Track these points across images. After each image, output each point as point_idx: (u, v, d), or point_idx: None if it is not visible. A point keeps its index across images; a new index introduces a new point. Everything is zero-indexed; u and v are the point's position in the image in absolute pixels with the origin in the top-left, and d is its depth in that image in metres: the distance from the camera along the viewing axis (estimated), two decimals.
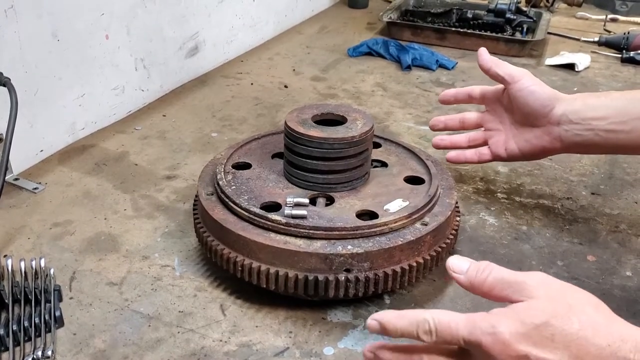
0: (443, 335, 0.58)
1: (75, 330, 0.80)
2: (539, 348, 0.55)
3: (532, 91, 0.95)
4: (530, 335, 0.55)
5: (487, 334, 0.56)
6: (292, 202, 0.84)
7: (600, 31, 2.08)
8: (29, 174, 1.14)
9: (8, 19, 1.06)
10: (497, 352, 0.55)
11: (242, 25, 1.75)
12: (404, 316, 0.60)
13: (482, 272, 0.61)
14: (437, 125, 1.10)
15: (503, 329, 0.55)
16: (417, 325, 0.59)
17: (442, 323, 0.58)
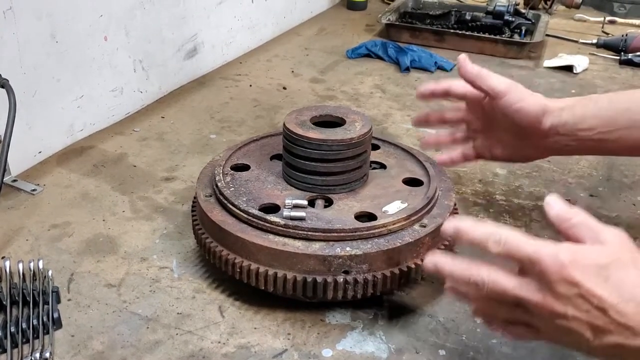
0: (510, 247, 0.63)
1: (73, 332, 0.80)
2: (591, 282, 0.59)
3: (518, 109, 0.91)
4: (588, 269, 0.59)
5: (550, 254, 0.60)
6: (291, 204, 0.84)
7: (599, 33, 2.08)
8: (27, 175, 1.14)
9: (7, 21, 1.06)
10: (552, 272, 0.59)
11: (240, 27, 1.75)
12: (478, 227, 0.65)
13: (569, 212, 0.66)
14: (420, 119, 1.05)
15: (565, 256, 0.60)
16: (490, 235, 0.64)
17: (512, 237, 0.63)
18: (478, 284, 0.64)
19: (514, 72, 1.72)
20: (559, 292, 0.60)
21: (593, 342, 0.60)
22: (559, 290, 0.60)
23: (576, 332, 0.61)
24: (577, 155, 1.05)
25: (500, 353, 0.79)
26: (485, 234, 0.65)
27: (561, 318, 0.61)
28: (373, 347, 0.80)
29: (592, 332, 0.60)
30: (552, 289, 0.60)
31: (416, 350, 0.79)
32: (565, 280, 0.59)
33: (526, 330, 0.65)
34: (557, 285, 0.60)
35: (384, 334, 0.82)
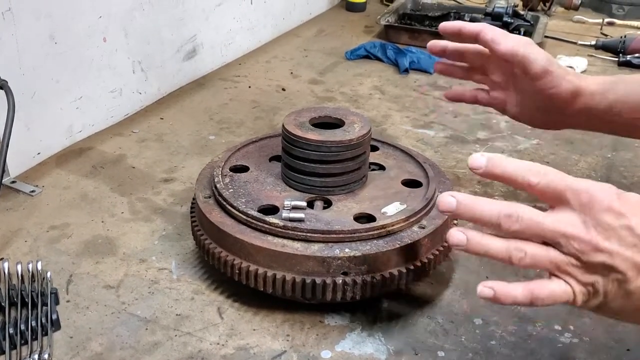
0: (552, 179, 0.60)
1: (72, 333, 0.80)
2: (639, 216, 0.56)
3: (551, 95, 0.89)
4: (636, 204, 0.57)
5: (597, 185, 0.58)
6: (290, 205, 0.84)
7: (597, 35, 2.08)
8: (26, 176, 1.14)
9: (6, 22, 1.06)
10: (601, 200, 0.57)
11: (239, 28, 1.75)
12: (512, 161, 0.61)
13: None
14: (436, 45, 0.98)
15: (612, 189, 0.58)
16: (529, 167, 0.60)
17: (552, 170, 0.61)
18: (512, 215, 0.59)
19: None
20: (605, 223, 0.56)
21: (634, 282, 0.56)
22: (606, 220, 0.56)
23: (617, 272, 0.56)
24: (597, 132, 1.04)
25: (500, 354, 0.79)
26: (523, 165, 0.60)
27: (603, 254, 0.56)
28: (372, 348, 0.79)
29: (635, 270, 0.56)
30: (598, 220, 0.56)
31: (415, 351, 0.79)
32: (614, 210, 0.56)
33: (557, 284, 0.59)
34: (603, 215, 0.56)
35: (383, 335, 0.82)
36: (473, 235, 0.61)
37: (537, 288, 0.59)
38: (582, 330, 0.83)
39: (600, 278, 0.58)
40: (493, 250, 0.60)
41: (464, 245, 0.61)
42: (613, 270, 0.57)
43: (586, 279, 0.58)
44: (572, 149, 1.31)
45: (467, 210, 0.61)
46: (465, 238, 0.61)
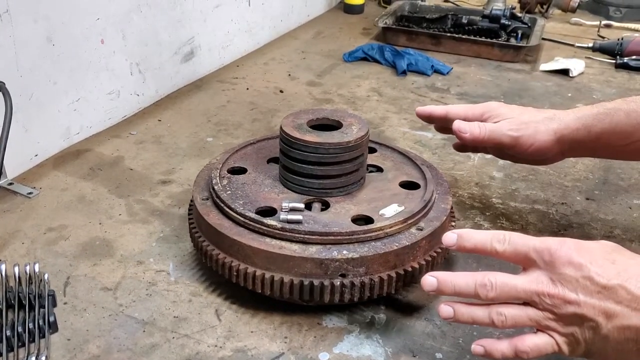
0: (515, 243, 0.66)
1: (69, 335, 0.80)
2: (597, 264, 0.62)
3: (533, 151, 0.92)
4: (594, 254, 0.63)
5: (556, 241, 0.64)
6: (288, 207, 0.84)
7: (595, 37, 2.09)
8: (23, 178, 1.14)
9: (3, 23, 1.06)
10: (560, 255, 0.62)
11: (237, 30, 1.76)
12: (479, 231, 0.70)
13: None
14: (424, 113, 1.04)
15: (571, 244, 0.63)
16: (493, 235, 0.67)
17: (515, 234, 0.67)
18: (486, 284, 0.65)
19: (510, 76, 1.72)
20: (567, 275, 0.62)
21: (604, 328, 0.61)
22: (567, 273, 0.62)
23: (588, 320, 0.61)
24: (591, 157, 1.07)
25: None
26: (488, 235, 0.67)
27: (573, 305, 0.61)
28: (370, 350, 0.79)
29: (604, 316, 0.61)
30: (561, 275, 0.62)
31: (413, 353, 0.79)
32: (573, 264, 0.61)
33: (539, 337, 0.65)
34: (565, 270, 0.62)
35: (381, 337, 0.82)
36: (459, 307, 0.68)
37: (520, 343, 0.66)
38: None
39: (577, 328, 0.63)
40: (478, 318, 0.68)
41: (452, 318, 0.69)
42: (584, 318, 0.62)
43: (565, 330, 0.64)
44: None
45: (447, 287, 0.68)
46: (452, 311, 0.69)
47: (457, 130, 0.93)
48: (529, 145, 0.91)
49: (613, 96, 1.62)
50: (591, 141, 0.91)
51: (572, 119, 0.91)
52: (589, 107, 0.93)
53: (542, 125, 0.91)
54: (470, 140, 0.93)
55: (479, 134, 0.92)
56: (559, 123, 0.91)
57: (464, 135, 0.93)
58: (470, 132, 0.93)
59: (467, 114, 0.96)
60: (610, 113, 0.89)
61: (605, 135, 0.89)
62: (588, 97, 1.60)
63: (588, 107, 0.92)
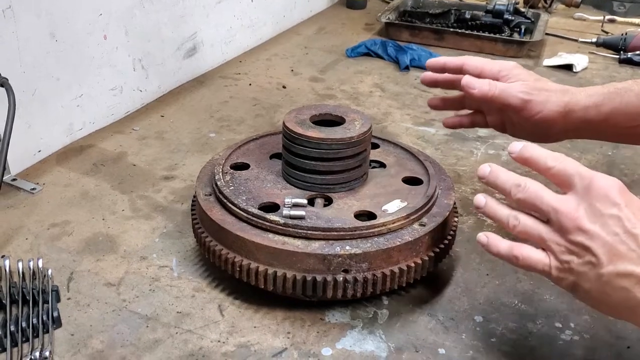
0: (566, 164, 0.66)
1: (73, 330, 0.80)
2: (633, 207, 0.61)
3: (540, 119, 0.90)
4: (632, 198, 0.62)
5: (604, 176, 0.63)
6: (290, 203, 0.84)
7: (598, 32, 2.08)
8: (26, 174, 1.14)
9: (6, 19, 1.06)
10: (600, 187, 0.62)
11: (240, 26, 1.75)
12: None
13: None
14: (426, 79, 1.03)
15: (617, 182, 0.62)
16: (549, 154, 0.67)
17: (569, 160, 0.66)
18: (520, 185, 0.66)
19: None
20: (596, 207, 0.61)
21: (605, 267, 0.60)
22: (598, 206, 0.61)
23: (591, 254, 0.61)
24: (591, 139, 1.05)
25: (500, 351, 0.79)
26: (546, 152, 0.67)
27: (584, 234, 0.61)
28: (373, 345, 0.80)
29: (610, 256, 0.60)
30: (591, 203, 0.61)
31: (416, 349, 0.79)
32: (609, 199, 0.61)
33: (535, 251, 0.66)
34: (598, 201, 0.61)
35: (384, 332, 0.82)
36: (490, 201, 0.71)
37: (518, 248, 0.67)
38: (583, 328, 0.83)
39: (577, 258, 0.63)
40: (498, 214, 0.70)
41: (482, 207, 0.71)
42: (589, 251, 0.61)
43: (564, 257, 0.64)
44: (572, 147, 1.30)
45: (492, 177, 0.71)
46: (484, 202, 0.71)
47: (466, 85, 0.90)
48: (537, 112, 0.89)
49: None
50: (599, 121, 0.89)
51: (583, 96, 0.90)
52: (600, 86, 0.91)
53: (554, 96, 0.89)
54: (478, 97, 0.90)
55: (488, 91, 0.89)
56: (571, 97, 0.89)
57: (471, 91, 0.89)
58: (479, 88, 0.89)
59: (484, 69, 0.93)
60: (621, 93, 0.88)
61: (613, 116, 0.88)
62: None
63: (599, 86, 0.91)
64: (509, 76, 0.92)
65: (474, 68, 0.93)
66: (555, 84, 0.93)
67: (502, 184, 0.69)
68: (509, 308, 0.86)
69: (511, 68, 0.93)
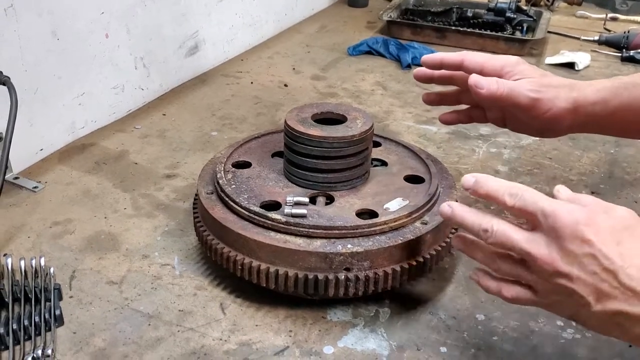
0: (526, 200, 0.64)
1: (75, 329, 0.80)
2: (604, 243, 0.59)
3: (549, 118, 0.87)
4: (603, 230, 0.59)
5: (566, 210, 0.61)
6: (292, 201, 0.84)
7: (601, 30, 2.08)
8: (28, 172, 1.14)
9: (8, 18, 1.06)
10: (566, 226, 0.60)
11: (242, 24, 1.75)
12: (496, 179, 0.68)
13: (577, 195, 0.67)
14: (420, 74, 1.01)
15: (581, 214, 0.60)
16: (507, 187, 0.66)
17: (529, 191, 0.65)
18: (487, 230, 0.65)
19: None
20: (568, 249, 0.59)
21: (594, 307, 0.59)
22: (569, 247, 0.59)
23: (577, 296, 0.59)
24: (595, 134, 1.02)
25: (502, 350, 0.79)
26: (503, 185, 0.66)
27: (564, 278, 0.60)
28: (374, 344, 0.80)
29: (595, 296, 0.59)
30: (562, 245, 0.59)
31: (417, 347, 0.79)
32: (578, 237, 0.58)
33: (523, 291, 0.66)
34: (568, 242, 0.59)
35: (386, 331, 0.82)
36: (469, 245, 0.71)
37: (505, 289, 0.68)
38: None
39: (565, 297, 0.62)
40: (477, 257, 0.71)
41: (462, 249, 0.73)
42: (575, 293, 0.60)
43: (552, 298, 0.63)
44: (574, 145, 1.30)
45: (457, 218, 0.69)
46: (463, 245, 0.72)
47: (474, 85, 0.86)
48: (546, 110, 0.86)
49: None
50: (606, 116, 0.87)
51: (591, 91, 0.87)
52: (607, 80, 0.89)
53: (562, 92, 0.87)
54: (486, 97, 0.86)
55: (497, 90, 0.85)
56: (579, 93, 0.87)
57: (480, 91, 0.85)
58: (487, 87, 0.85)
59: (486, 66, 0.89)
60: (629, 88, 0.87)
61: (620, 111, 0.87)
62: None
63: (606, 80, 0.89)
64: (514, 72, 0.88)
65: (474, 64, 0.90)
66: (561, 78, 0.90)
67: (470, 227, 0.68)
68: (511, 306, 0.86)
69: (514, 64, 0.89)
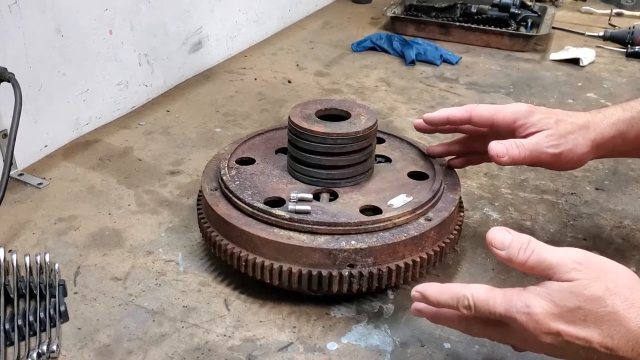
0: (481, 310, 0.63)
1: (79, 324, 0.80)
2: (570, 326, 0.59)
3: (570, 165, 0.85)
4: (563, 315, 0.59)
5: (522, 312, 0.61)
6: (296, 198, 0.84)
7: (605, 26, 2.07)
8: (33, 169, 1.15)
9: (12, 15, 1.06)
10: (531, 328, 0.60)
11: (245, 21, 1.75)
12: (445, 291, 0.66)
13: (524, 251, 0.63)
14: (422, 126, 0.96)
15: (537, 310, 0.60)
16: (457, 300, 0.64)
17: (481, 300, 0.63)
18: (467, 306, 0.64)
19: (519, 65, 1.71)
20: (544, 342, 0.61)
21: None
22: (545, 340, 0.61)
23: None
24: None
25: (505, 347, 0.79)
26: (453, 299, 0.65)
27: (555, 349, 0.62)
28: (378, 340, 0.80)
29: None
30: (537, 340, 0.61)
31: (421, 343, 0.79)
32: (546, 332, 0.60)
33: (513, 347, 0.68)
34: (541, 337, 0.61)
35: (389, 327, 0.82)
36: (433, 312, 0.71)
37: None
38: None
39: None
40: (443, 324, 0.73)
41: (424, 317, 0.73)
42: None
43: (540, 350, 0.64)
44: None
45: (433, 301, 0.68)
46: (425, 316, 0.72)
47: (495, 155, 0.82)
48: (569, 160, 0.84)
49: (624, 85, 1.60)
50: (624, 145, 0.86)
51: (606, 126, 0.85)
52: (619, 109, 0.86)
53: (580, 137, 0.84)
54: (508, 163, 0.84)
55: (518, 155, 0.82)
56: (595, 132, 0.85)
57: (502, 160, 0.82)
58: (509, 155, 0.82)
59: (496, 120, 0.85)
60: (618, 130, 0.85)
61: (638, 139, 0.85)
62: (598, 87, 1.59)
63: (619, 111, 0.86)
64: (527, 125, 0.84)
65: (484, 120, 0.86)
66: (574, 115, 0.87)
67: (449, 307, 0.66)
68: None
69: (526, 115, 0.84)
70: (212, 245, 0.86)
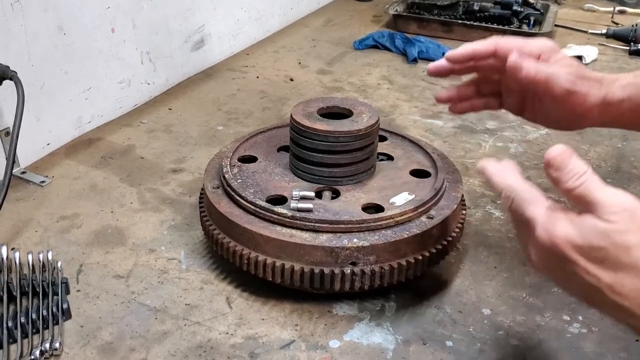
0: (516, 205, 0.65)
1: (82, 322, 0.80)
2: (585, 261, 0.58)
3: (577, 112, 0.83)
4: (583, 248, 0.58)
5: (544, 228, 0.60)
6: (298, 196, 0.84)
7: (608, 23, 2.06)
8: (35, 167, 1.15)
9: (14, 13, 1.06)
10: (547, 246, 0.60)
11: (247, 18, 1.75)
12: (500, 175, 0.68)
13: (576, 179, 0.62)
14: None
15: (559, 233, 0.59)
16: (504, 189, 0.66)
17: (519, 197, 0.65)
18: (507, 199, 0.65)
19: None
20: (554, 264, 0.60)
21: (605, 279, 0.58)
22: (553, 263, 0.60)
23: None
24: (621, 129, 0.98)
25: (508, 345, 0.79)
26: (502, 185, 0.66)
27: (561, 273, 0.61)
28: (380, 338, 0.80)
29: None
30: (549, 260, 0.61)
31: (423, 341, 0.79)
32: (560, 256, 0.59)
33: None
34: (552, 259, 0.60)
35: (391, 325, 0.82)
36: None
37: None
38: (591, 321, 0.82)
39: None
40: None
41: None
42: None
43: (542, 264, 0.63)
44: (581, 139, 1.30)
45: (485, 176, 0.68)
46: None
47: (513, 67, 0.81)
48: (578, 105, 0.82)
49: None
50: (630, 112, 0.84)
51: (618, 87, 0.83)
52: (631, 75, 0.84)
53: (594, 88, 0.82)
54: (522, 80, 0.82)
55: (535, 75, 0.80)
56: (607, 89, 0.83)
57: (518, 74, 0.80)
58: (526, 71, 0.80)
59: (522, 50, 0.84)
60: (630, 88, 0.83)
61: None
62: None
63: (631, 75, 0.84)
64: (552, 60, 0.83)
65: (508, 51, 0.85)
66: (593, 72, 0.85)
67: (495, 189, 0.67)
68: (517, 301, 0.86)
69: (551, 50, 0.83)
70: (215, 243, 0.86)
